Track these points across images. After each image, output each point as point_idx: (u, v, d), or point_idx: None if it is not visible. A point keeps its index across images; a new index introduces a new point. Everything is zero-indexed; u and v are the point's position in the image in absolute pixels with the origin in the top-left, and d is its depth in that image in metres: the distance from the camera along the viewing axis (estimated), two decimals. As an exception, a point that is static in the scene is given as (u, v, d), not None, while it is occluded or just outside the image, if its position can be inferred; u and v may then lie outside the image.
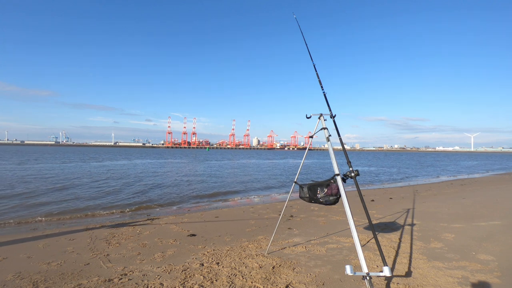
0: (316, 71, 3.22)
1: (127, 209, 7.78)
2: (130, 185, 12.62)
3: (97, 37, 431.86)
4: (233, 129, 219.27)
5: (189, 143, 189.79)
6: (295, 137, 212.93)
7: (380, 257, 3.14)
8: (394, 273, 2.98)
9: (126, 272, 3.13)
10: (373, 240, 4.09)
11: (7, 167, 20.61)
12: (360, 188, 2.79)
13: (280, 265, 3.23)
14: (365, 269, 2.24)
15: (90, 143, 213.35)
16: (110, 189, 11.29)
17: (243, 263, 3.35)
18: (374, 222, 5.42)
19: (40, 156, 40.07)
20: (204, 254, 3.73)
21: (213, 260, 3.46)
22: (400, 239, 4.23)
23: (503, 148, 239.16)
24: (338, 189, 2.83)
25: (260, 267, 3.20)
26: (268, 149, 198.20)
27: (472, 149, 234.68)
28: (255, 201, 9.64)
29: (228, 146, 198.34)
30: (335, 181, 2.85)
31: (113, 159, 35.86)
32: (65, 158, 35.80)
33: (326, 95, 3.05)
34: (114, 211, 7.61)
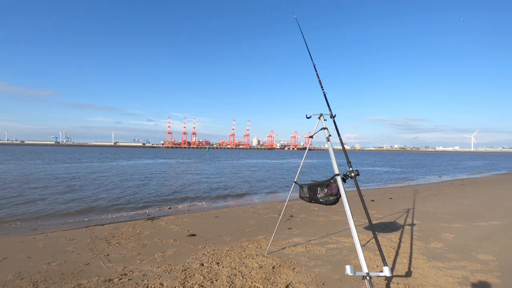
0: (316, 71, 3.22)
1: (128, 209, 7.78)
2: (130, 185, 12.62)
3: (97, 37, 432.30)
4: (233, 129, 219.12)
5: (189, 143, 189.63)
6: (295, 137, 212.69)
7: (380, 257, 3.14)
8: (394, 273, 2.99)
9: (126, 272, 3.13)
10: (373, 240, 4.09)
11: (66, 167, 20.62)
12: (360, 188, 2.79)
13: (280, 265, 3.23)
14: (365, 269, 2.24)
15: (90, 143, 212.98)
16: (111, 188, 11.31)
17: (243, 263, 3.35)
18: (374, 222, 5.42)
19: (79, 156, 40.85)
20: (204, 254, 3.72)
21: (213, 260, 3.46)
22: (400, 239, 4.22)
23: (503, 148, 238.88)
24: (338, 189, 2.83)
25: (260, 267, 3.20)
26: (268, 149, 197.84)
27: (472, 149, 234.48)
28: (255, 201, 9.64)
29: (228, 146, 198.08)
30: (335, 181, 2.85)
31: (125, 159, 35.91)
32: (96, 158, 36.45)
33: (326, 95, 3.05)
34: (115, 213, 7.61)
